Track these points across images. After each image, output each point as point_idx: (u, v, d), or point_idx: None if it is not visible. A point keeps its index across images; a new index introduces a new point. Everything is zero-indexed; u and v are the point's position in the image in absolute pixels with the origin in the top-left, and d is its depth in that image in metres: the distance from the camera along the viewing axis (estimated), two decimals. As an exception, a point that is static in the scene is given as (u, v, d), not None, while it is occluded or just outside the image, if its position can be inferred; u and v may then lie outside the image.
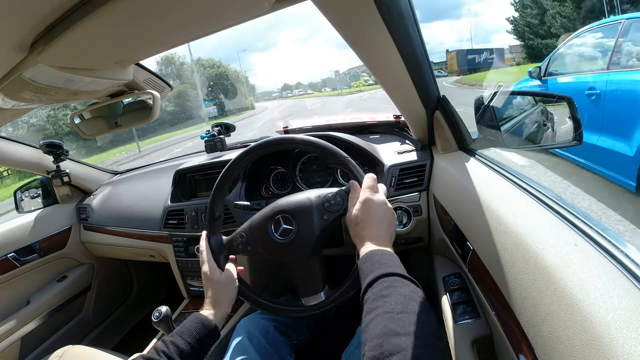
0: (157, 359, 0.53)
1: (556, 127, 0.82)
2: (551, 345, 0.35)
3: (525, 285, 0.42)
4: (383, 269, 0.46)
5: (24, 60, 0.43)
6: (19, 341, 1.21)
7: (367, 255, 0.51)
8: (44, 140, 1.29)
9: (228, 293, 0.66)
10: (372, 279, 0.46)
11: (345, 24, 0.51)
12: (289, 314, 0.70)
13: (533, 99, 0.95)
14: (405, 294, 0.42)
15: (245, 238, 0.70)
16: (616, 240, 0.39)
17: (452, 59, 30.85)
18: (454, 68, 29.54)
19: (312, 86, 36.16)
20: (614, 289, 0.33)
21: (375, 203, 0.58)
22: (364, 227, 0.56)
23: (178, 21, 0.41)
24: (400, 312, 0.39)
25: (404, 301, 0.41)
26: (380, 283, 0.45)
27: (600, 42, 2.74)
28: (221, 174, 0.71)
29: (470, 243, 0.63)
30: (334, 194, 0.66)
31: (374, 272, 0.46)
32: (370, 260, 0.50)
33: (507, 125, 0.85)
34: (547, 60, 3.19)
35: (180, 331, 0.58)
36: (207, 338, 0.59)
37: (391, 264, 0.48)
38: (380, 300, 0.42)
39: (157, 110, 0.72)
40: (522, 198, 0.56)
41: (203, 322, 0.59)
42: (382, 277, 0.45)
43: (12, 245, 1.27)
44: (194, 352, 0.56)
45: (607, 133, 2.28)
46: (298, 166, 1.12)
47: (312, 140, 0.68)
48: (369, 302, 0.43)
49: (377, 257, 0.50)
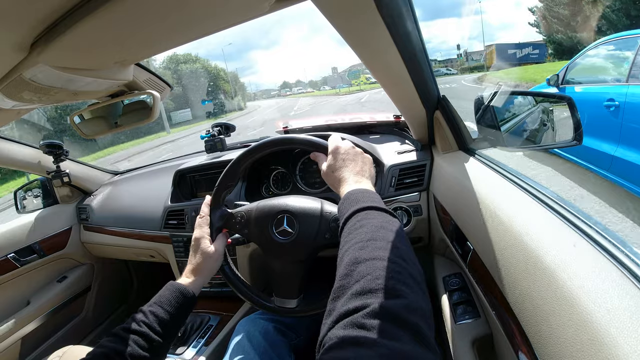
0: (137, 329, 0.53)
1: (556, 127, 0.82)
2: (551, 345, 0.35)
3: (525, 285, 0.42)
4: (358, 205, 0.47)
5: (24, 60, 0.43)
6: (19, 341, 1.21)
7: (345, 196, 0.51)
8: (44, 141, 1.29)
9: (210, 265, 0.66)
10: (347, 216, 0.46)
11: (345, 24, 0.51)
12: (256, 304, 0.71)
13: (533, 99, 0.95)
14: (376, 223, 0.42)
15: (245, 220, 0.69)
16: (616, 240, 0.39)
17: (490, 54, 28.44)
18: (493, 63, 27.32)
19: (312, 84, 34.20)
20: (614, 289, 0.33)
21: (344, 148, 0.59)
22: (338, 169, 0.57)
23: (178, 21, 0.41)
24: (368, 239, 0.39)
25: (374, 230, 0.41)
26: (354, 218, 0.45)
27: (618, 54, 2.73)
28: (251, 149, 0.70)
29: (470, 243, 0.63)
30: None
31: (349, 210, 0.47)
32: (348, 199, 0.50)
33: (507, 125, 0.85)
34: (565, 69, 3.18)
35: (159, 300, 0.58)
36: (184, 306, 0.59)
37: (367, 199, 0.48)
38: (353, 234, 0.42)
39: (157, 110, 0.72)
40: (522, 198, 0.56)
41: (181, 290, 0.59)
42: (356, 212, 0.46)
43: (12, 245, 1.27)
44: (172, 320, 0.56)
45: (625, 144, 2.29)
46: (298, 166, 1.12)
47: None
48: (342, 237, 0.44)
49: (354, 195, 0.50)
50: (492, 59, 28.35)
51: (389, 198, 0.94)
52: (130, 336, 0.52)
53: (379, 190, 0.94)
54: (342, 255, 0.40)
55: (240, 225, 0.70)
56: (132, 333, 0.53)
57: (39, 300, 1.30)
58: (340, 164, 0.58)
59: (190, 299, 0.60)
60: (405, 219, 0.94)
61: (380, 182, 0.96)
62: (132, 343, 0.51)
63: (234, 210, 0.72)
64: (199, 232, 0.67)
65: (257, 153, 0.70)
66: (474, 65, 34.88)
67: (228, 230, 0.71)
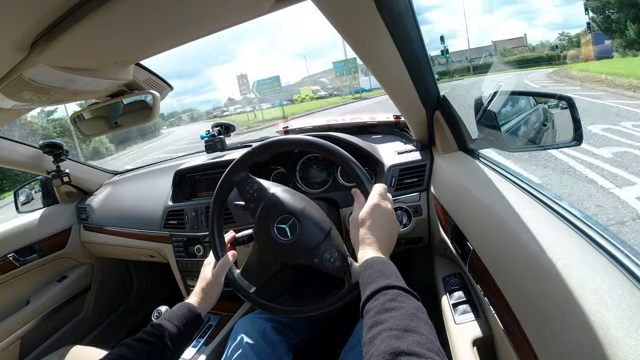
0: (146, 339, 0.56)
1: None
2: (551, 345, 0.35)
3: (525, 285, 0.42)
4: (385, 280, 0.46)
5: (24, 60, 0.43)
6: (18, 341, 1.21)
7: (369, 262, 0.51)
8: (44, 141, 1.30)
9: (217, 289, 0.70)
10: (374, 290, 0.46)
11: (345, 24, 0.51)
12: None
13: (533, 99, 0.95)
14: (409, 310, 0.42)
15: (255, 197, 0.69)
16: (616, 241, 0.39)
17: (587, 44, 20.89)
18: (590, 55, 20.05)
19: (249, 101, 24.89)
20: (614, 290, 0.33)
21: (383, 209, 0.58)
22: (369, 229, 0.56)
23: (178, 21, 0.41)
24: (405, 329, 0.39)
25: (408, 317, 0.41)
26: (383, 295, 0.45)
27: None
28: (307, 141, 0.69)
29: (470, 243, 0.63)
30: (339, 255, 0.62)
31: (377, 282, 0.46)
32: (371, 268, 0.49)
33: (507, 125, 0.85)
34: None
35: (169, 316, 0.62)
36: (192, 323, 0.63)
37: (393, 275, 0.48)
38: (385, 314, 0.42)
39: (157, 110, 0.72)
40: (522, 198, 0.56)
41: (189, 308, 0.64)
42: (385, 288, 0.45)
43: (12, 245, 1.27)
44: (180, 335, 0.60)
45: None
46: (298, 166, 1.12)
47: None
48: (372, 315, 0.43)
49: (378, 265, 0.50)
50: (588, 51, 20.49)
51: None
52: (141, 345, 0.55)
53: None
54: (374, 337, 0.40)
55: (250, 196, 0.69)
56: (143, 342, 0.55)
57: (38, 300, 1.30)
58: (373, 223, 0.56)
59: (197, 316, 0.65)
60: (405, 219, 0.94)
61: (381, 182, 0.96)
62: (143, 353, 0.54)
63: (253, 180, 0.71)
64: (208, 259, 0.73)
65: (303, 147, 0.69)
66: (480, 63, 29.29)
67: (240, 195, 0.71)
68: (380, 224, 0.57)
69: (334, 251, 0.62)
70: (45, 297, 1.32)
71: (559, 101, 0.78)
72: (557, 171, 3.45)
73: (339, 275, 0.61)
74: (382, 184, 0.63)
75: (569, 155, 3.74)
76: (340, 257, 0.61)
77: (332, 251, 0.62)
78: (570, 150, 3.55)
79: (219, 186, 0.72)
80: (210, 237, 0.72)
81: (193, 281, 1.22)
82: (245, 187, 0.70)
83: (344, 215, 0.99)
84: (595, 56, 19.55)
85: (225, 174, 0.71)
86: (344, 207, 0.99)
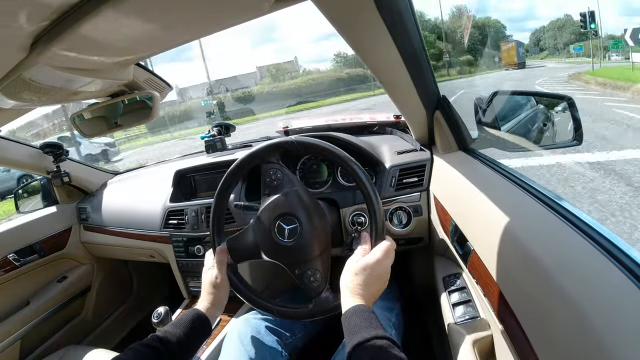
0: (154, 344, 0.56)
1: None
2: (551, 345, 0.35)
3: (526, 285, 0.42)
4: (373, 330, 0.49)
5: (24, 60, 0.43)
6: (19, 342, 1.21)
7: (355, 310, 0.53)
8: (44, 141, 1.30)
9: (223, 296, 0.70)
10: (363, 339, 0.47)
11: (345, 24, 0.51)
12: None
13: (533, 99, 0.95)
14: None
15: (275, 185, 0.67)
16: (616, 241, 0.39)
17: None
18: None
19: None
20: (614, 290, 0.33)
21: (384, 267, 0.59)
22: (364, 282, 0.57)
23: (178, 21, 0.41)
24: None
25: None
26: (371, 345, 0.47)
27: None
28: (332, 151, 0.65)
29: (470, 243, 0.63)
30: (320, 279, 0.64)
31: (365, 331, 0.48)
32: (358, 315, 0.52)
33: (507, 125, 0.85)
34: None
35: (177, 323, 0.62)
36: (200, 329, 0.63)
37: (379, 325, 0.50)
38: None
39: (157, 110, 0.72)
40: (522, 198, 0.56)
41: (198, 314, 0.64)
42: (373, 339, 0.47)
43: (12, 245, 1.27)
44: (188, 340, 0.60)
45: None
46: (298, 166, 1.12)
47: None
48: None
49: (366, 314, 0.52)
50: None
51: (389, 198, 0.94)
52: (147, 351, 0.55)
53: (379, 190, 0.94)
54: None
55: (269, 181, 0.67)
56: (149, 348, 0.55)
57: (38, 300, 1.30)
58: (369, 277, 0.57)
59: (205, 322, 0.65)
60: (405, 219, 0.94)
61: (381, 182, 0.96)
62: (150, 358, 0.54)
63: (282, 167, 0.68)
64: (207, 265, 0.72)
65: (330, 157, 0.66)
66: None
67: (262, 175, 0.69)
68: (374, 280, 0.58)
69: (318, 272, 0.64)
70: (46, 297, 1.32)
71: (565, 104, 0.78)
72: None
73: (309, 295, 0.64)
74: (392, 242, 0.62)
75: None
76: (321, 280, 0.64)
77: (316, 272, 0.64)
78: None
79: (246, 158, 0.69)
80: (214, 208, 0.72)
81: (193, 281, 1.22)
82: (270, 169, 0.68)
83: (344, 215, 0.99)
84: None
85: (259, 148, 0.68)
86: (344, 207, 0.99)
